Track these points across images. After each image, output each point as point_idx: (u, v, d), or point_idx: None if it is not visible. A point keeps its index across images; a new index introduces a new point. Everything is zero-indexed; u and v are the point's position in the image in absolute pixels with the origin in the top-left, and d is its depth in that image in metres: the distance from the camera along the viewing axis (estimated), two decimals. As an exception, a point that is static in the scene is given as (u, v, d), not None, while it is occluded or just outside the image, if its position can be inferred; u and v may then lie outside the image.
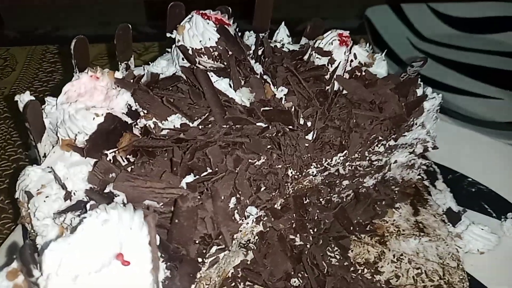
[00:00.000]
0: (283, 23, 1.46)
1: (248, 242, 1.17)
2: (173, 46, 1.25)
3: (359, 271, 1.25)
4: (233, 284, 1.16)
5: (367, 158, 1.27)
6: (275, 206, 1.15)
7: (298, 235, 1.20)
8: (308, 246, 1.21)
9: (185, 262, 0.82)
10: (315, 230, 1.26)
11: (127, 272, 0.71)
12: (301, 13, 1.43)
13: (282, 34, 1.45)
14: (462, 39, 2.36)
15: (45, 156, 1.02)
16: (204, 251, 0.88)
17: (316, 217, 1.25)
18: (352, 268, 1.25)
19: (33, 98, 0.95)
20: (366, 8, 2.30)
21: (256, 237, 1.17)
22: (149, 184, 0.90)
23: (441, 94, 1.31)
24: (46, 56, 2.09)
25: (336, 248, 1.28)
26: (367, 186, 1.38)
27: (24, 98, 0.95)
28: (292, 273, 1.17)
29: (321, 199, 1.29)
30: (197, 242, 0.88)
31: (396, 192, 1.43)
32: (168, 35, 1.24)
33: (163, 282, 0.79)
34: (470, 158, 1.59)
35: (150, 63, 1.28)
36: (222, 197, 0.93)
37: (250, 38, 1.38)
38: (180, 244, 0.83)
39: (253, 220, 1.08)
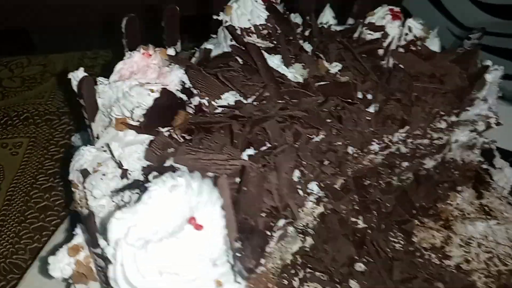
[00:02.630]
0: (328, 4, 1.41)
1: (306, 227, 1.10)
2: (219, 28, 1.22)
3: (426, 256, 1.17)
4: (293, 271, 1.09)
5: (428, 135, 1.19)
6: (335, 186, 1.09)
7: (360, 218, 1.13)
8: (370, 230, 1.13)
9: (255, 234, 0.77)
10: (377, 214, 1.18)
11: (201, 236, 0.66)
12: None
13: (327, 16, 1.40)
14: (506, 26, 2.27)
15: (98, 137, 0.98)
16: (272, 223, 0.82)
17: (378, 199, 1.17)
18: (418, 253, 1.17)
19: (86, 74, 0.93)
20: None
21: (316, 221, 1.10)
22: (211, 156, 0.85)
23: (503, 66, 1.23)
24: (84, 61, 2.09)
25: (399, 233, 1.20)
26: (427, 168, 1.30)
27: (78, 75, 0.93)
28: (356, 257, 1.10)
29: (381, 182, 1.21)
30: (264, 215, 0.82)
31: (457, 175, 1.35)
32: (214, 17, 1.21)
33: (234, 254, 0.73)
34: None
35: (195, 48, 1.25)
36: (286, 169, 0.87)
37: (296, 19, 1.33)
38: (248, 215, 0.77)
39: (313, 201, 1.02)
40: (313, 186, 0.99)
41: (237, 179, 0.83)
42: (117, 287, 0.66)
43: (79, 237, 0.80)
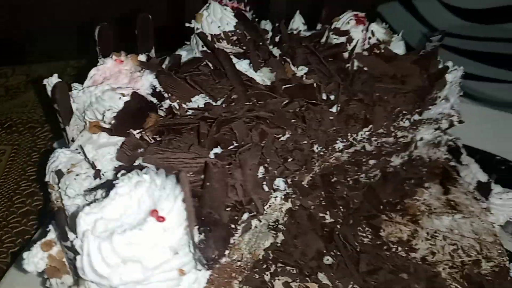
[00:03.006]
0: (297, 11, 1.48)
1: (277, 223, 1.15)
2: (192, 36, 1.28)
3: (393, 249, 1.22)
4: (264, 266, 1.13)
5: (393, 133, 1.25)
6: (303, 183, 1.14)
7: (328, 213, 1.18)
8: (338, 224, 1.18)
9: (218, 226, 0.82)
10: (345, 209, 1.23)
11: (163, 228, 0.71)
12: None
13: (297, 23, 1.46)
14: (475, 29, 2.36)
15: (73, 140, 1.03)
16: (236, 217, 0.87)
17: (344, 195, 1.22)
18: (385, 247, 1.22)
19: (60, 80, 0.97)
20: (377, 4, 2.32)
21: (285, 217, 1.15)
22: (178, 155, 0.90)
23: (462, 66, 1.30)
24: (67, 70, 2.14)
25: (367, 228, 1.25)
26: (394, 166, 1.36)
27: (52, 81, 0.97)
28: (325, 251, 1.15)
29: (348, 179, 1.27)
30: (228, 209, 0.87)
31: (424, 172, 1.41)
32: (187, 24, 1.27)
33: (198, 245, 0.77)
34: (496, 137, 1.56)
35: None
36: (250, 166, 0.92)
37: (266, 26, 1.40)
38: (212, 209, 0.82)
39: (281, 197, 1.07)
40: (280, 183, 1.04)
41: (203, 176, 0.88)
42: (85, 277, 0.70)
43: (52, 233, 0.85)
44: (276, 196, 1.04)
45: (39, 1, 2.42)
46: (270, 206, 1.04)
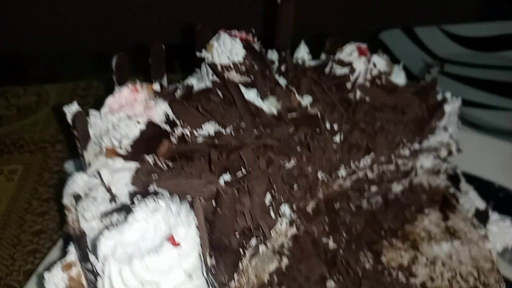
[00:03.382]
0: (302, 41, 1.54)
1: (282, 247, 1.20)
2: (202, 64, 1.34)
3: (394, 275, 1.26)
4: (269, 289, 1.17)
5: (394, 161, 1.30)
6: (307, 209, 1.19)
7: (331, 238, 1.22)
8: (341, 250, 1.22)
9: (228, 251, 0.86)
10: (347, 235, 1.28)
11: (178, 252, 0.75)
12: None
13: (302, 52, 1.53)
14: (475, 57, 2.42)
15: (89, 165, 1.08)
16: (245, 242, 0.91)
17: (347, 221, 1.27)
18: (386, 272, 1.26)
19: (80, 109, 1.03)
20: (379, 31, 2.39)
21: (290, 242, 1.19)
22: (190, 181, 0.95)
23: (460, 96, 1.36)
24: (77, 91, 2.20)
25: (369, 254, 1.29)
26: (395, 193, 1.40)
27: (72, 109, 1.03)
28: (327, 276, 1.19)
29: (351, 205, 1.31)
30: (237, 234, 0.91)
31: (425, 198, 1.45)
32: (197, 54, 1.33)
33: (210, 270, 0.82)
34: (494, 164, 1.60)
35: (180, 81, 1.37)
36: (258, 193, 0.97)
37: (273, 56, 1.46)
38: (222, 234, 0.87)
39: (286, 223, 1.12)
40: (285, 209, 1.08)
41: (214, 202, 0.93)
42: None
43: (72, 255, 0.89)
44: (282, 222, 1.08)
45: (50, 22, 2.50)
46: (276, 232, 1.09)
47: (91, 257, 0.76)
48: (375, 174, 1.30)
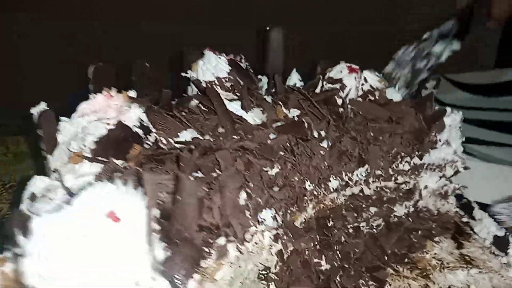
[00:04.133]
0: (294, 69, 1.51)
1: (268, 271, 1.05)
2: (188, 86, 1.31)
3: (401, 306, 1.08)
4: (254, 319, 1.01)
5: (393, 177, 1.19)
6: (295, 224, 1.06)
7: (323, 258, 1.08)
8: (335, 270, 1.07)
9: (188, 243, 0.74)
10: (343, 258, 1.13)
11: (119, 230, 0.65)
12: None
13: (294, 79, 1.49)
14: (481, 101, 2.38)
15: (54, 171, 1.01)
16: (211, 240, 0.79)
17: (343, 241, 1.13)
18: (392, 302, 1.09)
19: (47, 108, 0.99)
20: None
21: (276, 263, 1.05)
22: (154, 177, 0.86)
23: (461, 111, 1.27)
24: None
25: (371, 282, 1.13)
26: (399, 216, 1.26)
27: (39, 108, 0.98)
28: (321, 302, 1.03)
29: (348, 226, 1.18)
30: (203, 230, 0.80)
31: (434, 226, 1.30)
32: (183, 74, 1.31)
33: (163, 263, 0.70)
34: (507, 192, 1.47)
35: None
36: (230, 189, 0.87)
37: (263, 79, 1.42)
38: (183, 226, 0.76)
39: (270, 237, 0.99)
40: (267, 217, 0.97)
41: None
42: (38, 282, 0.63)
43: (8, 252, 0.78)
44: (263, 231, 0.96)
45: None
46: (256, 243, 0.96)
47: (21, 238, 0.66)
48: (373, 191, 1.18)
